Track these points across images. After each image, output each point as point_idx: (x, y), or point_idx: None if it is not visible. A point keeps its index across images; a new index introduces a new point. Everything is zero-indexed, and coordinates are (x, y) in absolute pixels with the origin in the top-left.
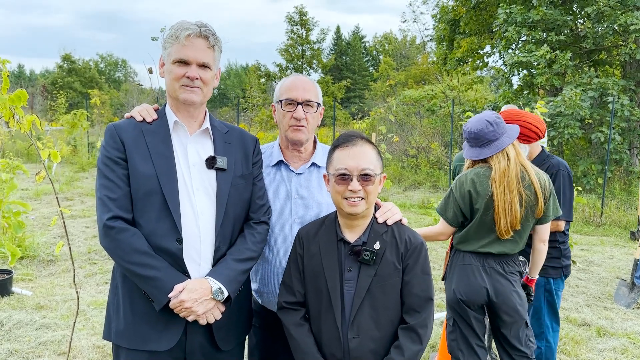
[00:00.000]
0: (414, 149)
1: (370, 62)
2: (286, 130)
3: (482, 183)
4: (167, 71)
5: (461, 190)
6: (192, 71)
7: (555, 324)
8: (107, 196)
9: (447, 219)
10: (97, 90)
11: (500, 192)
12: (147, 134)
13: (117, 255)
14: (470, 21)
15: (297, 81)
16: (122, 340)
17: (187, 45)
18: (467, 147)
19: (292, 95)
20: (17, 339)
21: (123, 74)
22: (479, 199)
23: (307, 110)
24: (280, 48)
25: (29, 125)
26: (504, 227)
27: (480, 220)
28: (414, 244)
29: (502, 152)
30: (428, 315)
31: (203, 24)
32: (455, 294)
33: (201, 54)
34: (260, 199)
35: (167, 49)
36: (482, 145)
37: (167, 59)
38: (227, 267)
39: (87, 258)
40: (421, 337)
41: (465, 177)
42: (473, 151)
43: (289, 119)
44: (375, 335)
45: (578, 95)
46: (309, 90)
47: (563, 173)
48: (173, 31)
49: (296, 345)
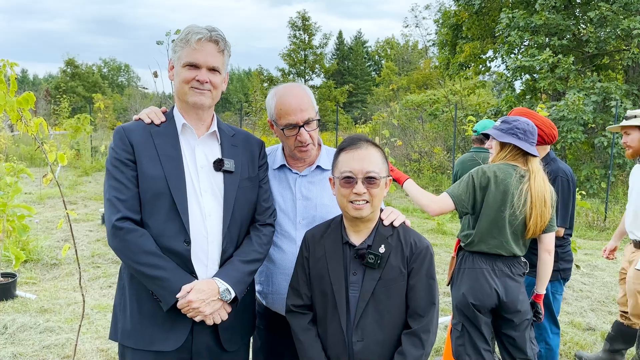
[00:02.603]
0: (416, 154)
1: (373, 67)
2: (292, 150)
3: (504, 179)
4: (176, 74)
5: (481, 180)
6: (202, 75)
7: (555, 326)
8: (116, 197)
9: (454, 197)
10: (100, 94)
11: (537, 192)
12: (155, 136)
13: (125, 255)
14: (473, 26)
15: (292, 100)
16: (129, 341)
17: (197, 49)
18: (509, 136)
19: (292, 120)
20: (21, 342)
21: (126, 78)
22: (497, 193)
23: (309, 129)
24: (282, 53)
25: (36, 127)
26: (538, 227)
27: (495, 218)
28: (419, 248)
29: (536, 159)
30: (431, 320)
31: (213, 29)
32: (466, 298)
33: (211, 58)
34: (266, 202)
35: (177, 52)
36: (531, 143)
37: (177, 62)
38: (234, 268)
39: (91, 261)
40: (423, 342)
41: (490, 169)
42: (522, 143)
43: (294, 141)
44: (379, 338)
45: (581, 100)
46: (306, 109)
47: (562, 179)
48: (184, 35)
49: (303, 350)
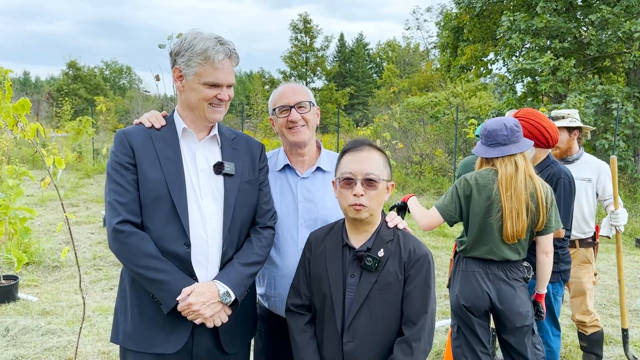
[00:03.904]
0: (417, 156)
1: (374, 69)
2: (286, 134)
3: (485, 185)
4: (192, 89)
5: (464, 189)
6: (224, 94)
7: (555, 328)
8: (117, 200)
9: (440, 209)
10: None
11: (507, 197)
12: (156, 139)
13: (125, 258)
14: (474, 28)
15: (286, 88)
16: (130, 343)
17: (219, 69)
18: (478, 143)
19: (284, 102)
20: (23, 345)
21: (128, 80)
22: (480, 200)
23: (301, 111)
24: (284, 55)
25: (32, 132)
26: (510, 233)
27: (482, 224)
28: (417, 255)
29: (509, 158)
30: (422, 327)
31: (227, 43)
32: (458, 300)
33: (231, 76)
34: (266, 204)
35: (193, 67)
36: (490, 145)
37: (193, 77)
38: (234, 270)
39: (93, 264)
40: (413, 350)
41: (471, 176)
42: (481, 148)
43: (286, 123)
44: (370, 341)
45: (582, 102)
46: (298, 93)
47: (564, 182)
48: (200, 50)
49: (297, 350)
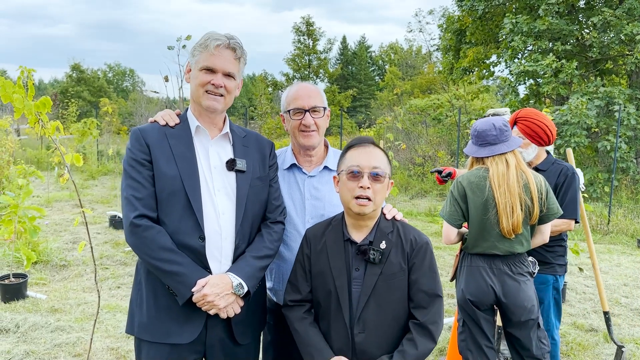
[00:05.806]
0: (420, 158)
1: (376, 72)
2: (297, 137)
3: (479, 184)
4: (193, 77)
5: (459, 190)
6: (218, 79)
7: (558, 321)
8: (134, 195)
9: (447, 218)
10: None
11: (500, 193)
12: (170, 137)
13: (142, 251)
14: (477, 31)
15: (302, 89)
16: (145, 334)
17: (215, 54)
18: (469, 143)
19: (299, 104)
20: (33, 341)
21: (131, 83)
22: (476, 198)
23: (315, 116)
24: (287, 58)
25: (53, 130)
26: (506, 228)
27: (481, 221)
28: (419, 244)
29: (500, 157)
30: (437, 311)
31: (232, 37)
32: (464, 295)
33: (228, 64)
34: (276, 200)
35: (196, 56)
36: (480, 145)
37: (194, 66)
38: (246, 263)
39: (100, 263)
40: (432, 333)
41: (463, 177)
42: (471, 148)
43: (299, 126)
44: (380, 330)
45: (584, 104)
46: (314, 97)
47: (576, 176)
48: (203, 40)
49: (300, 338)
